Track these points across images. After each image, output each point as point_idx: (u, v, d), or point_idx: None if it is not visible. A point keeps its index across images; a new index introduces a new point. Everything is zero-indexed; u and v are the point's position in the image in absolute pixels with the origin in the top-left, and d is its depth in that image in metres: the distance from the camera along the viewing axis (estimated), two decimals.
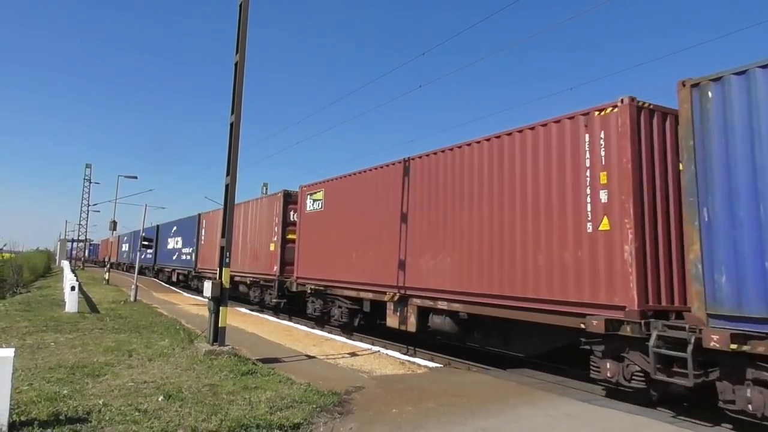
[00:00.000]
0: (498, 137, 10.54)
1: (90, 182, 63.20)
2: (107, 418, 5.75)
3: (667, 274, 8.24)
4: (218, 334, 9.86)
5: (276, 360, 9.93)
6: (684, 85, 7.45)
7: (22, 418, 5.53)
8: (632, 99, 8.34)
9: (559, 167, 9.24)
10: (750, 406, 6.68)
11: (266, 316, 18.96)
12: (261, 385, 7.61)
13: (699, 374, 7.15)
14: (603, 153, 8.53)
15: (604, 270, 8.31)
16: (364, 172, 15.25)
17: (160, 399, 6.59)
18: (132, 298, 21.55)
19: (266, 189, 56.20)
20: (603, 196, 8.50)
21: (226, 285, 10.01)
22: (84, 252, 74.93)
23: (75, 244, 74.52)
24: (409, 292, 12.64)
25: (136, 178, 35.72)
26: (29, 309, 16.70)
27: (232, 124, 10.43)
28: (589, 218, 8.64)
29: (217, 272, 10.27)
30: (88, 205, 63.93)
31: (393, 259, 13.23)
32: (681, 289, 8.20)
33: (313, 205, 17.93)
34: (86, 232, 66.79)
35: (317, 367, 9.62)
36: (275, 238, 20.42)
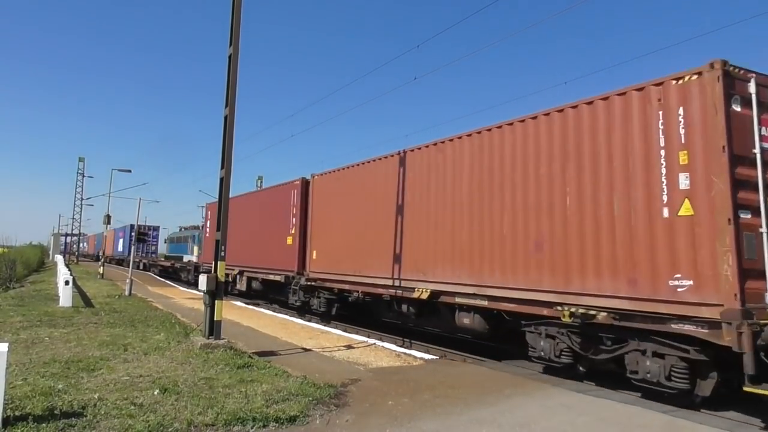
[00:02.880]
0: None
1: (83, 176, 62.98)
2: (103, 413, 5.73)
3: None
4: (214, 328, 9.84)
5: (272, 353, 9.93)
6: None
7: (17, 413, 5.50)
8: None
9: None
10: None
11: (262, 310, 18.98)
12: (257, 378, 7.61)
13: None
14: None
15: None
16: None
17: (155, 393, 6.58)
18: (127, 293, 21.49)
19: (261, 182, 56.08)
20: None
21: (221, 279, 9.99)
22: (77, 246, 74.65)
23: (68, 238, 74.20)
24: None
25: (130, 171, 35.70)
26: (23, 304, 16.62)
27: (226, 117, 10.37)
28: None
29: (212, 266, 10.26)
30: (82, 199, 63.69)
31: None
32: None
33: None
34: (80, 226, 66.57)
35: (313, 359, 9.63)
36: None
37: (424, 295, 11.70)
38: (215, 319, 9.86)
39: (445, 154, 11.89)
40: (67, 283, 16.31)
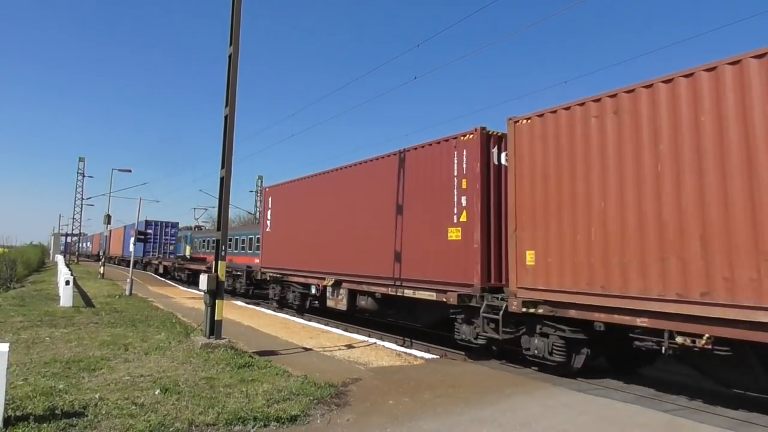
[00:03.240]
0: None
1: (83, 176, 63.01)
2: (104, 412, 5.74)
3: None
4: (215, 328, 9.85)
5: (272, 352, 9.94)
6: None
7: (18, 413, 5.51)
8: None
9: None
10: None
11: (263, 309, 18.97)
12: (258, 377, 7.61)
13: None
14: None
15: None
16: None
17: (156, 392, 6.58)
18: (127, 292, 21.49)
19: (261, 181, 56.12)
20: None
21: (222, 278, 9.99)
22: (78, 245, 74.68)
23: (69, 238, 74.22)
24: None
25: (130, 171, 35.62)
26: (23, 304, 16.62)
27: (226, 117, 10.37)
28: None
29: (213, 266, 10.25)
30: (82, 199, 63.75)
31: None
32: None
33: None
34: (80, 226, 66.60)
35: (314, 359, 9.63)
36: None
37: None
38: (216, 318, 9.86)
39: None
40: (67, 283, 16.31)
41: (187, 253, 40.50)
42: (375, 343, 11.71)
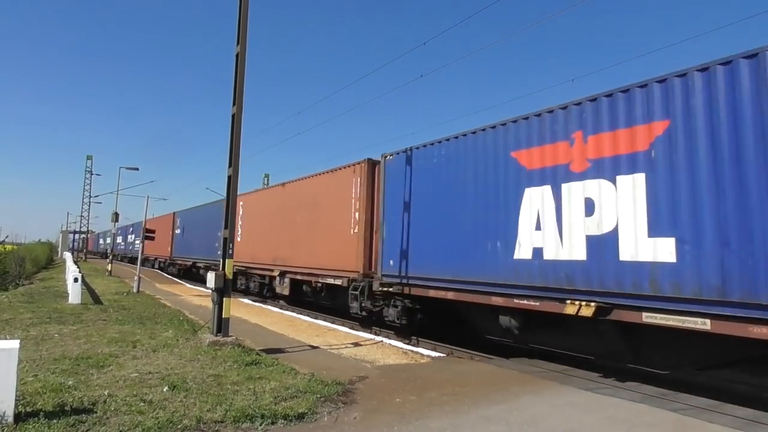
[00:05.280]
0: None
1: (91, 174, 63.29)
2: (113, 409, 5.77)
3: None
4: (222, 325, 9.88)
5: (279, 350, 9.97)
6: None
7: (28, 409, 5.55)
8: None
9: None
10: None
11: (269, 307, 19.03)
12: (265, 375, 7.64)
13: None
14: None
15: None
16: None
17: (164, 389, 6.62)
18: (135, 290, 21.62)
19: (267, 180, 56.21)
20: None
21: (229, 276, 10.02)
22: (85, 243, 75.09)
23: (78, 235, 74.62)
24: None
25: (137, 169, 35.70)
26: (32, 301, 16.74)
27: (233, 116, 10.39)
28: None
29: (220, 264, 10.29)
30: (90, 197, 64.07)
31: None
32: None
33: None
34: (88, 223, 66.96)
35: (321, 357, 9.66)
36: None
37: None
38: (223, 316, 9.90)
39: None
40: (76, 280, 16.43)
41: None
42: (381, 341, 11.73)
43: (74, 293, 16.23)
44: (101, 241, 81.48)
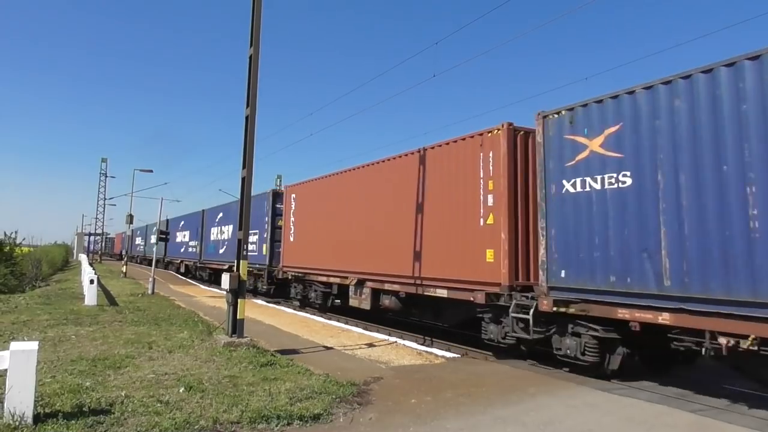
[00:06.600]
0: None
1: (106, 176, 63.83)
2: (130, 410, 5.81)
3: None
4: (237, 326, 9.93)
5: (294, 351, 9.98)
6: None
7: (47, 410, 5.61)
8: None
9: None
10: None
11: (283, 308, 19.08)
12: (280, 376, 7.66)
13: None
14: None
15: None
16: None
17: (181, 390, 6.65)
18: (150, 291, 21.78)
19: (280, 180, 56.36)
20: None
21: (244, 277, 10.07)
22: (101, 245, 75.70)
23: (92, 237, 75.22)
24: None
25: (151, 171, 36.15)
26: (49, 302, 16.93)
27: (247, 117, 10.44)
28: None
29: (235, 265, 10.33)
30: (104, 199, 64.61)
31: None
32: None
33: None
34: (103, 225, 67.47)
35: (335, 357, 9.66)
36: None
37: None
38: (238, 317, 9.94)
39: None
40: (92, 282, 16.57)
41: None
42: (396, 342, 11.71)
43: (90, 295, 16.38)
44: (139, 241, 61.23)
